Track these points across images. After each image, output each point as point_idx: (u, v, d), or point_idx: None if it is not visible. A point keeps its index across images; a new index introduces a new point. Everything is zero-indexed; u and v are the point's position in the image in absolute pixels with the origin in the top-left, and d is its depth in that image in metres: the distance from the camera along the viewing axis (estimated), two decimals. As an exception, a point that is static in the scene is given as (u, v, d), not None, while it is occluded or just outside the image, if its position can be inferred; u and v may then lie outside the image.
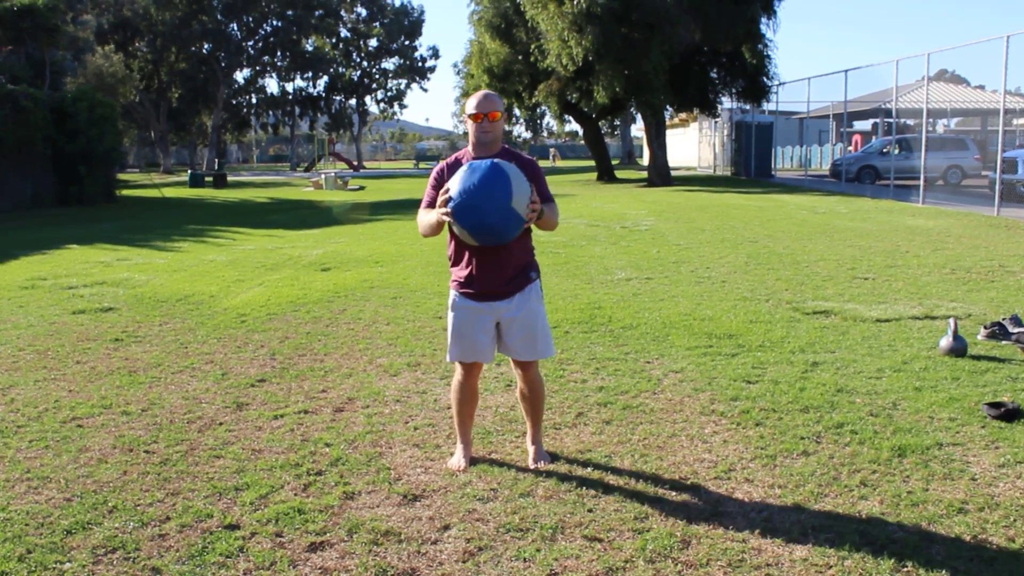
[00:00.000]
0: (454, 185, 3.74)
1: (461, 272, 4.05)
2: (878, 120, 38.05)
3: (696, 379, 5.51)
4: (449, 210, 3.73)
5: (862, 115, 39.80)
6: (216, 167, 51.11)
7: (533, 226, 3.98)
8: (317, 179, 35.33)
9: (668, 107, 34.21)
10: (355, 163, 60.68)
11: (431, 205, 3.96)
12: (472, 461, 4.18)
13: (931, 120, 34.29)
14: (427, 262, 11.15)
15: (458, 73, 41.79)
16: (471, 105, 3.97)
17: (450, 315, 4.12)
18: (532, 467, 4.09)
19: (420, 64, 76.24)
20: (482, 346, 4.04)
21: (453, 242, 4.06)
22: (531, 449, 4.20)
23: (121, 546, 3.36)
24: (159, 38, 54.62)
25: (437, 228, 3.92)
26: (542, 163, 58.77)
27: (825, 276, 9.40)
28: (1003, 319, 6.48)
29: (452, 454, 4.27)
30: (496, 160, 3.80)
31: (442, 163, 4.05)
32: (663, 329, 6.92)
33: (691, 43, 29.03)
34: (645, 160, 42.60)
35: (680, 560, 3.19)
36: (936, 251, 11.29)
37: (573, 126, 64.09)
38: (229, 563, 3.23)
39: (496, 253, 3.94)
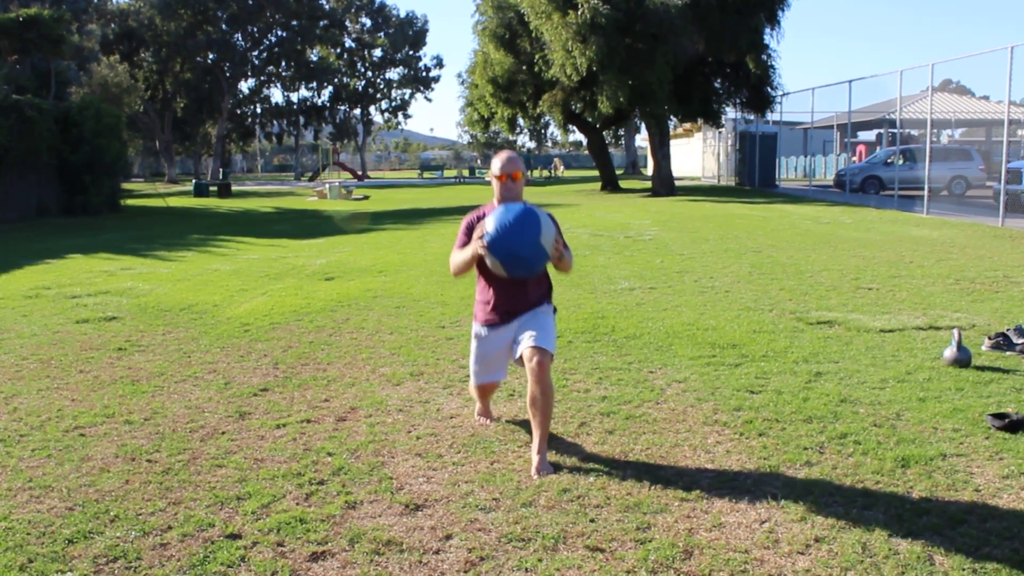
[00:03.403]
0: (490, 223, 4.23)
1: (486, 302, 4.57)
2: (882, 130, 38.11)
3: (699, 389, 5.50)
4: (485, 243, 4.20)
5: (866, 125, 39.81)
6: (220, 177, 51.32)
7: (551, 272, 4.60)
8: (321, 189, 35.38)
9: (672, 117, 34.26)
10: (359, 173, 60.77)
11: (464, 246, 4.46)
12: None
13: (935, 131, 34.30)
14: (431, 272, 11.16)
15: (462, 83, 41.82)
16: (496, 167, 4.49)
17: (473, 343, 4.65)
18: (534, 477, 4.13)
19: (424, 74, 76.55)
20: (499, 366, 4.62)
21: (481, 279, 4.57)
22: (535, 459, 4.24)
23: (123, 555, 3.35)
24: (164, 48, 54.88)
25: (470, 264, 4.42)
26: (544, 173, 58.92)
27: (829, 286, 9.39)
28: (1007, 330, 6.46)
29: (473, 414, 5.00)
30: (526, 204, 4.32)
31: (472, 214, 4.58)
32: (666, 339, 6.91)
33: (695, 53, 29.07)
34: (649, 170, 42.65)
35: (682, 570, 3.18)
36: (940, 262, 11.27)
37: (577, 136, 64.22)
38: (231, 572, 3.22)
39: (518, 287, 4.45)
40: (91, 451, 4.53)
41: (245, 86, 65.23)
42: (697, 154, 50.57)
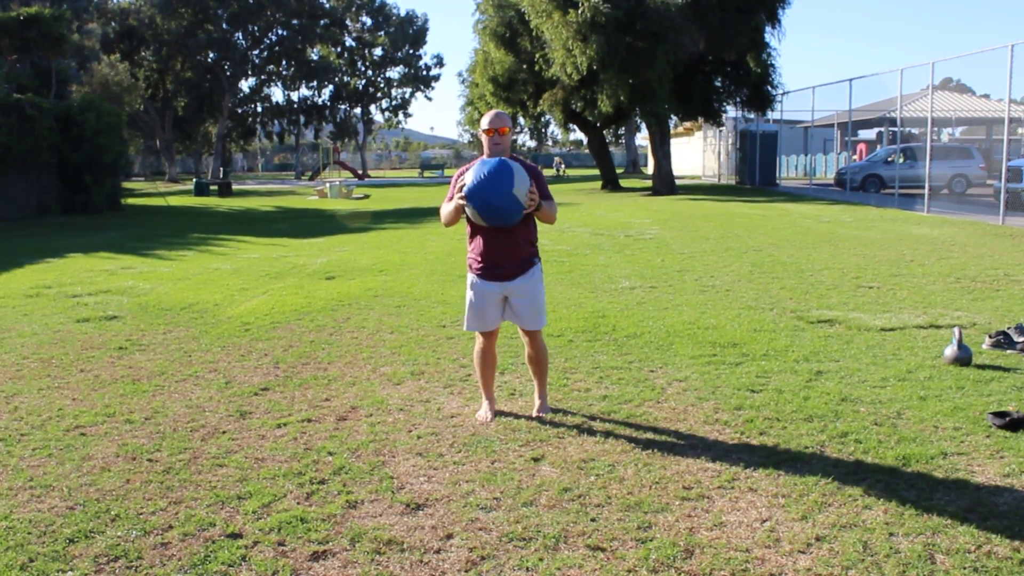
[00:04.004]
0: (469, 176, 4.63)
1: (477, 254, 4.89)
2: (883, 129, 38.09)
3: (700, 388, 5.50)
4: (464, 194, 4.59)
5: (867, 124, 39.82)
6: (221, 176, 51.35)
7: (538, 223, 4.95)
8: (322, 188, 35.38)
9: (672, 116, 34.24)
10: (360, 172, 60.77)
11: (452, 199, 4.80)
12: (497, 413, 5.01)
13: (936, 129, 34.28)
14: (431, 271, 11.16)
15: (463, 82, 41.90)
16: (485, 122, 4.82)
17: (468, 292, 5.01)
18: (535, 415, 4.95)
19: (424, 73, 76.48)
20: (492, 317, 4.95)
21: (471, 231, 4.89)
22: (537, 402, 5.06)
23: (123, 555, 3.35)
24: (165, 47, 54.89)
25: (455, 215, 4.80)
26: (547, 172, 59.04)
27: (829, 285, 9.39)
28: (1008, 328, 6.46)
29: (478, 410, 5.07)
30: (503, 158, 4.66)
31: (463, 168, 4.87)
32: (667, 338, 6.91)
33: (695, 52, 29.07)
34: (650, 169, 42.64)
35: (683, 570, 3.18)
36: (941, 260, 11.27)
37: (577, 135, 64.27)
38: (231, 572, 3.22)
39: (504, 239, 4.77)
40: (92, 450, 4.54)
41: (246, 85, 65.27)
42: (697, 153, 50.55)
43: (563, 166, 64.48)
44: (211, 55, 57.07)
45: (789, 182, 38.01)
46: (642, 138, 57.75)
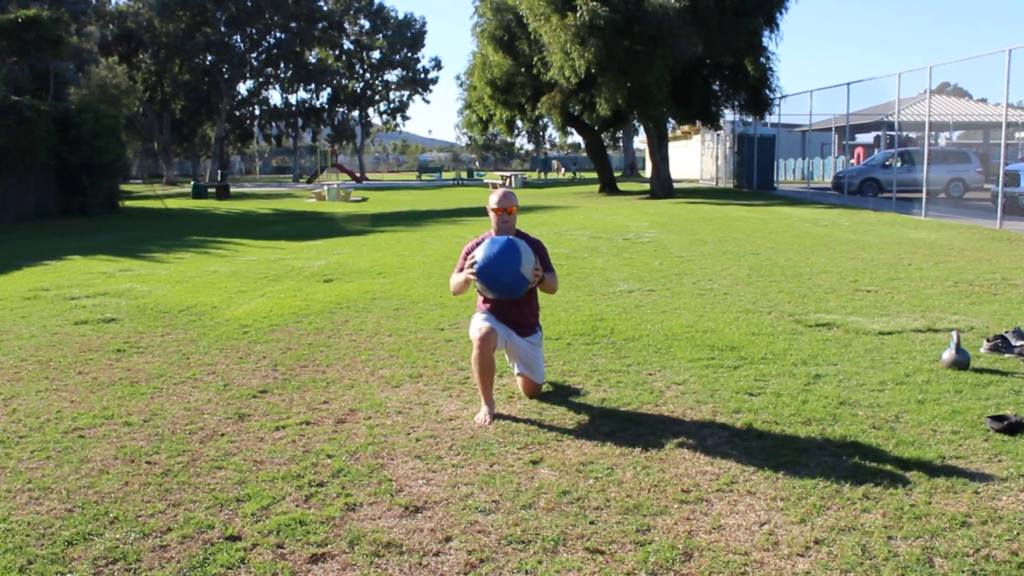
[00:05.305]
0: (479, 253, 5.03)
1: (486, 309, 5.31)
2: (880, 133, 38.12)
3: (698, 391, 5.50)
4: (474, 271, 5.01)
5: (864, 128, 39.83)
6: (219, 178, 51.33)
7: (539, 292, 5.40)
8: (320, 190, 35.39)
9: (670, 119, 34.27)
10: (358, 175, 60.77)
11: (462, 270, 5.17)
12: (495, 416, 5.03)
13: (933, 133, 34.33)
14: (429, 274, 11.16)
15: (461, 85, 41.84)
16: (494, 201, 5.25)
17: (476, 316, 5.29)
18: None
19: (423, 76, 76.55)
20: (497, 326, 5.16)
21: (481, 297, 5.33)
22: None
23: (122, 557, 3.35)
24: (163, 49, 54.92)
25: (464, 286, 5.22)
26: (552, 176, 59.10)
27: (827, 288, 9.40)
28: (1006, 332, 6.47)
29: (476, 413, 5.09)
30: (511, 237, 5.09)
31: (472, 242, 5.29)
32: (665, 341, 6.92)
33: (693, 55, 29.08)
34: (647, 172, 42.66)
35: (682, 573, 3.18)
36: (938, 264, 11.29)
37: (575, 138, 64.39)
38: (230, 574, 3.22)
39: (510, 305, 5.23)
40: (90, 453, 4.53)
41: (243, 88, 65.28)
42: (695, 156, 50.60)
43: (564, 169, 64.62)
44: (209, 58, 57.09)
45: (787, 186, 38.06)
46: (640, 141, 57.81)
